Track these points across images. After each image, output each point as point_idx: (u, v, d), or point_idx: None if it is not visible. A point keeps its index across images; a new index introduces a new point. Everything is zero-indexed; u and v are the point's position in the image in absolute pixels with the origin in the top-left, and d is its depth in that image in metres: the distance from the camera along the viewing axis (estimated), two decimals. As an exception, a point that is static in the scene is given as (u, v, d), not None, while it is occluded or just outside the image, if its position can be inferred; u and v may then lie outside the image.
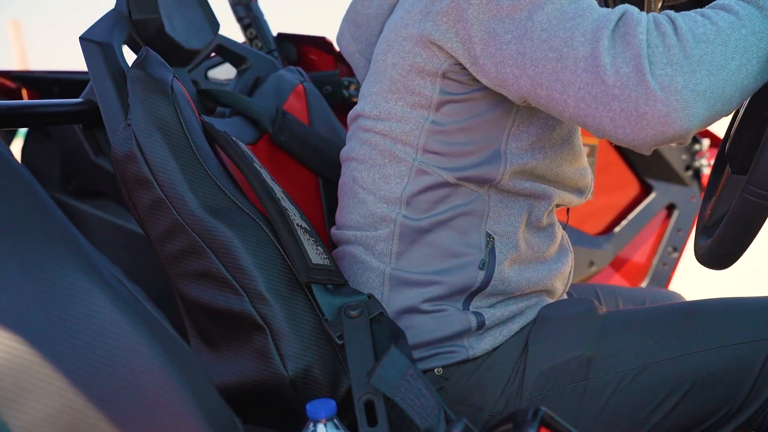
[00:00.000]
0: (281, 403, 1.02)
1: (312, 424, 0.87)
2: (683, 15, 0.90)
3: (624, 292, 1.48)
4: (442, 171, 1.08)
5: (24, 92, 1.93)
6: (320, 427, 0.87)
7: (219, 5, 1.95)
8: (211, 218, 1.01)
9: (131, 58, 1.13)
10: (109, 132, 1.07)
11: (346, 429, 0.89)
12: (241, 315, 1.00)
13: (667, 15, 0.90)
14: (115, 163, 1.05)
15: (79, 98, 1.28)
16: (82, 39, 1.12)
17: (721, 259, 1.02)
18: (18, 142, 2.00)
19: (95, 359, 0.67)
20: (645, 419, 1.06)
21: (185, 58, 1.30)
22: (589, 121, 0.92)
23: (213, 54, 1.65)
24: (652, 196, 2.14)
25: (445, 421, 0.87)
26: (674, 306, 1.13)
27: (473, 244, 1.09)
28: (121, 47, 1.15)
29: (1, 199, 0.70)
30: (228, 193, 1.04)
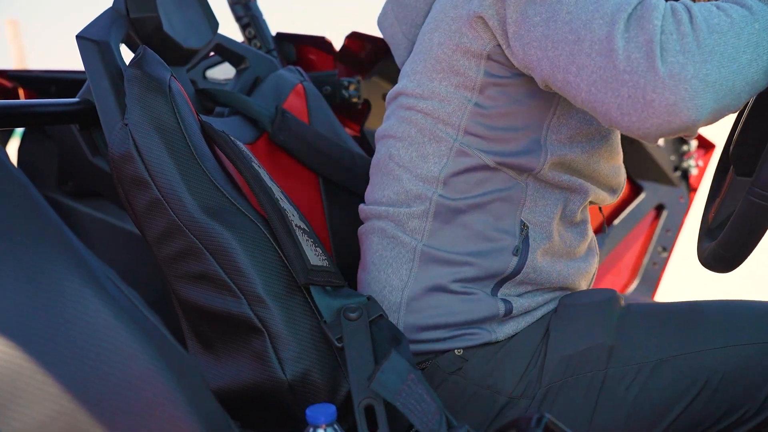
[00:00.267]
0: (279, 407, 1.00)
1: (312, 430, 0.85)
2: (699, 5, 0.89)
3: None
4: (482, 154, 1.07)
5: (21, 92, 1.92)
6: (320, 433, 0.85)
7: (218, 4, 1.94)
8: (208, 219, 1.00)
9: (129, 57, 1.12)
10: (106, 132, 1.06)
11: None
12: (239, 318, 0.99)
13: (683, 3, 0.89)
14: (111, 164, 1.04)
15: (75, 98, 1.27)
16: (78, 37, 1.11)
17: (726, 261, 1.01)
18: (15, 142, 1.99)
19: (89, 364, 0.66)
20: (663, 413, 1.06)
21: (184, 57, 1.29)
22: (598, 107, 0.91)
23: (212, 54, 1.64)
24: (642, 196, 2.15)
25: (447, 427, 0.86)
26: (697, 303, 1.12)
27: (507, 230, 1.09)
28: (118, 46, 1.14)
29: None
30: (226, 193, 1.03)
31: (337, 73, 1.75)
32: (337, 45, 1.84)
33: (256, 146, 1.30)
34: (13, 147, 1.98)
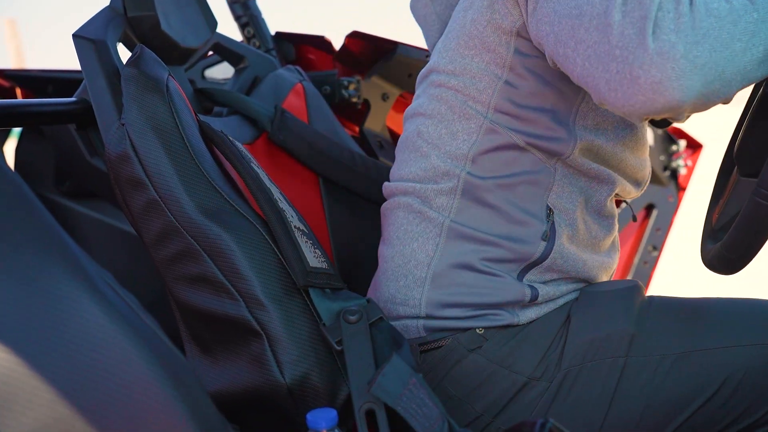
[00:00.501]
0: (278, 410, 0.99)
1: (311, 435, 0.84)
2: None
3: None
4: (512, 132, 1.07)
5: (18, 91, 1.92)
6: (320, 438, 0.84)
7: (216, 4, 1.93)
8: (206, 220, 0.98)
9: (126, 56, 1.11)
10: (103, 132, 1.05)
11: None
12: (238, 320, 0.97)
13: None
14: (108, 164, 1.03)
15: (72, 97, 1.25)
16: (75, 36, 1.10)
17: (731, 263, 1.00)
18: (12, 142, 1.98)
19: (85, 369, 0.65)
20: (680, 408, 1.05)
21: (182, 56, 1.28)
22: (590, 82, 0.90)
23: (210, 53, 1.63)
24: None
25: (449, 432, 0.85)
26: (722, 299, 1.12)
27: (535, 213, 1.09)
28: (115, 45, 1.12)
29: None
30: (224, 194, 1.02)
31: (337, 72, 1.74)
32: (337, 45, 1.83)
33: (255, 146, 1.29)
34: (11, 147, 1.98)
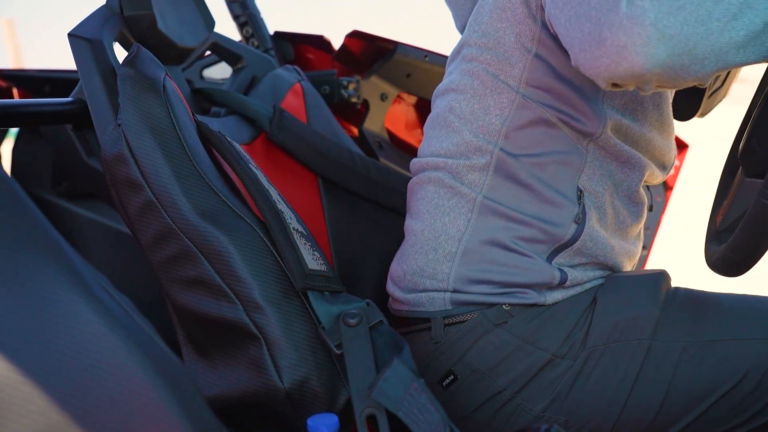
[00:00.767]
0: (276, 415, 0.98)
1: (311, 441, 0.83)
2: None
3: None
4: (543, 107, 1.07)
5: (15, 91, 1.91)
6: (320, 444, 0.83)
7: (215, 3, 1.92)
8: (203, 222, 0.97)
9: (123, 56, 1.09)
10: (99, 132, 1.03)
11: None
12: (235, 324, 0.96)
13: None
14: (104, 165, 1.01)
15: (69, 97, 1.24)
16: (70, 35, 1.08)
17: (737, 265, 0.98)
18: (9, 142, 1.97)
19: (79, 375, 0.64)
20: (701, 397, 1.05)
21: (179, 56, 1.26)
22: (568, 42, 0.90)
23: (208, 53, 1.62)
24: None
25: (451, 438, 0.84)
26: (746, 295, 1.12)
27: (566, 194, 1.09)
28: (111, 44, 1.11)
29: None
30: (222, 196, 1.01)
31: (336, 72, 1.73)
32: (336, 44, 1.81)
33: (254, 146, 1.28)
34: (8, 147, 1.97)
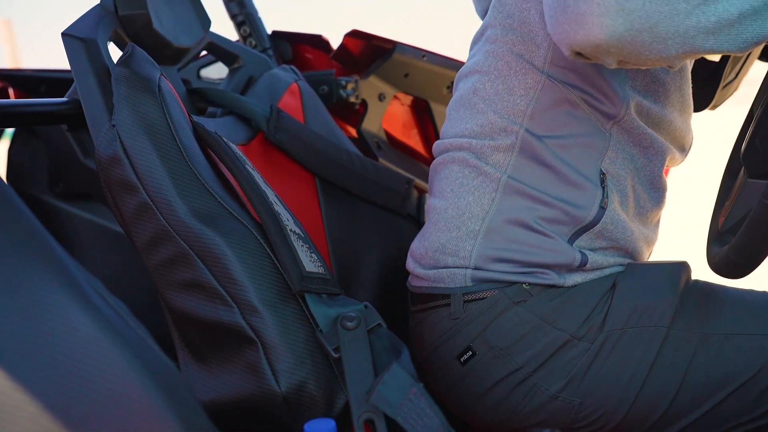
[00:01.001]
0: (273, 420, 0.97)
1: (309, 446, 0.82)
2: None
3: None
4: (568, 88, 1.08)
5: (11, 91, 1.89)
6: (317, 449, 0.82)
7: (212, 2, 1.91)
8: (199, 224, 0.96)
9: (118, 56, 1.08)
10: (93, 133, 1.02)
11: None
12: (231, 327, 0.95)
13: None
14: (98, 166, 1.00)
15: (64, 97, 1.23)
16: (64, 35, 1.07)
17: (739, 267, 0.97)
18: (5, 143, 1.96)
19: (72, 380, 0.63)
20: (719, 387, 1.05)
21: (174, 56, 1.25)
22: (544, 9, 0.93)
23: (204, 53, 1.61)
24: None
25: (450, 443, 0.83)
26: (766, 292, 1.13)
27: (589, 177, 1.09)
28: (106, 44, 1.10)
29: None
30: (218, 197, 0.99)
31: (334, 72, 1.72)
32: (334, 44, 1.80)
33: (250, 147, 1.27)
34: (3, 148, 1.96)
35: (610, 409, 1.07)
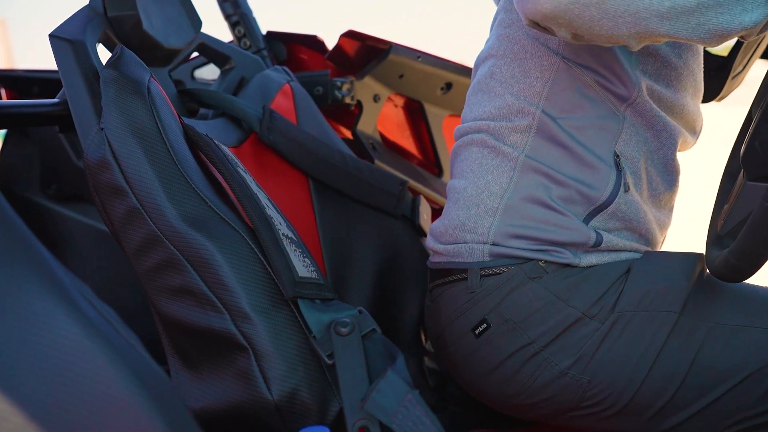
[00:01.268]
0: (265, 428, 0.95)
1: (302, 455, 0.81)
2: None
3: None
4: (582, 70, 1.10)
5: (3, 92, 1.88)
6: (311, 458, 0.81)
7: (208, 2, 1.89)
8: (190, 230, 0.94)
9: (107, 58, 1.07)
10: (81, 137, 1.00)
11: None
12: (222, 334, 0.93)
13: None
14: (87, 170, 0.98)
15: (55, 99, 1.21)
16: (51, 36, 1.05)
17: (740, 271, 0.96)
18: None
19: (58, 389, 0.61)
20: (727, 377, 1.06)
21: (165, 57, 1.23)
22: None
23: (195, 54, 1.59)
24: None
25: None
26: None
27: (603, 158, 1.11)
28: (94, 46, 1.08)
29: None
30: (209, 202, 0.98)
31: (329, 73, 1.70)
32: (329, 44, 1.79)
33: (242, 149, 1.25)
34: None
35: (617, 390, 1.07)
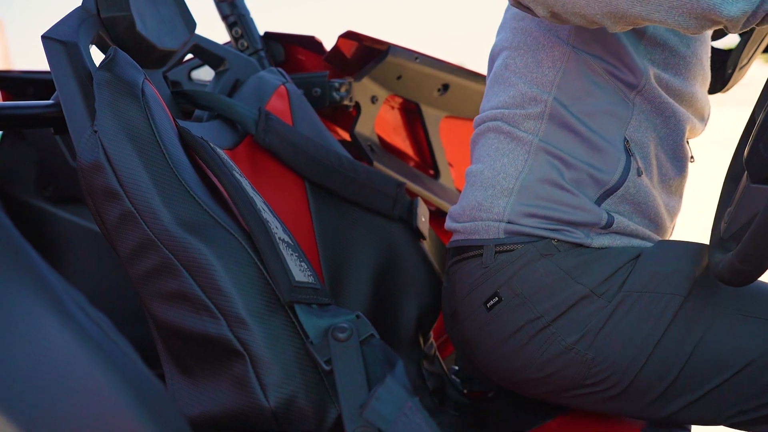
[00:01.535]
0: None
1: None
2: None
3: None
4: (592, 59, 1.15)
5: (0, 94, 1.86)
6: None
7: (205, 2, 1.88)
8: (185, 234, 0.93)
9: (101, 60, 1.05)
10: (74, 139, 0.99)
11: None
12: (218, 340, 0.92)
13: None
14: (80, 173, 0.97)
15: (50, 100, 1.19)
16: (44, 38, 1.04)
17: (745, 275, 0.94)
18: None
19: (50, 399, 0.60)
20: (728, 364, 1.07)
21: (159, 59, 1.22)
22: None
23: (190, 56, 1.57)
24: None
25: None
26: None
27: (614, 143, 1.15)
28: (88, 47, 1.06)
29: None
30: (204, 205, 0.96)
31: (327, 74, 1.69)
32: (328, 45, 1.77)
33: (237, 152, 1.23)
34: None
35: (620, 370, 1.09)
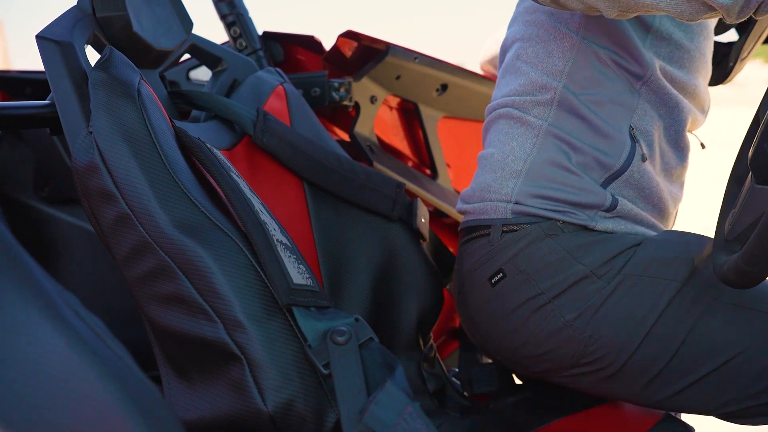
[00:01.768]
0: None
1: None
2: None
3: None
4: (601, 50, 1.20)
5: None
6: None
7: (203, 2, 1.86)
8: (182, 236, 0.92)
9: (96, 60, 1.04)
10: (69, 140, 0.98)
11: None
12: (215, 343, 0.91)
13: None
14: (75, 175, 0.96)
15: (46, 100, 1.18)
16: (38, 38, 1.02)
17: (750, 277, 0.93)
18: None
19: (44, 406, 0.59)
20: (722, 351, 1.09)
21: (155, 59, 1.20)
22: None
23: (187, 56, 1.56)
24: None
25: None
26: None
27: (620, 130, 1.20)
28: (83, 47, 1.05)
29: None
30: (201, 207, 0.95)
31: (327, 74, 1.67)
32: (327, 45, 1.76)
33: (235, 152, 1.22)
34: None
35: (615, 350, 1.12)
